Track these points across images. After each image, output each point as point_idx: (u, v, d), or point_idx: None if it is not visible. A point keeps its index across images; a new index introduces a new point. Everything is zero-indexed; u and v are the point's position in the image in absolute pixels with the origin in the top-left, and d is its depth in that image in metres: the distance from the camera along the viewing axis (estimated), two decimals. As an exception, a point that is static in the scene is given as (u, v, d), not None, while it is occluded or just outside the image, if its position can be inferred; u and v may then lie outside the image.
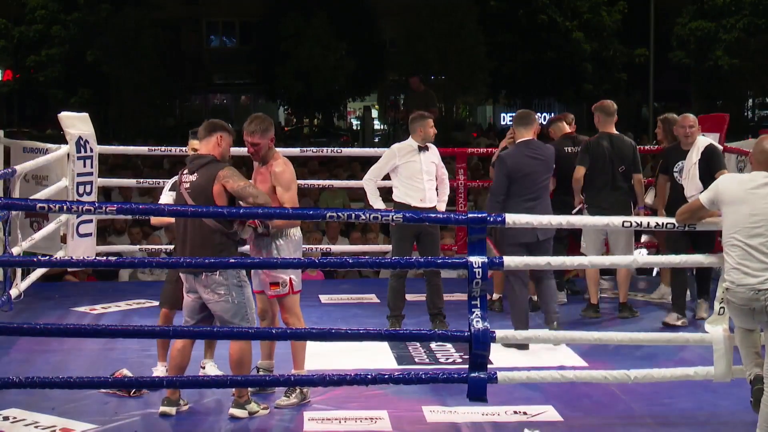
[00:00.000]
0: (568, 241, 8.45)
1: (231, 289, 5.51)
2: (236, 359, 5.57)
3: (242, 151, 6.78)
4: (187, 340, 5.70)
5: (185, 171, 5.67)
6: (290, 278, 5.87)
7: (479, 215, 5.28)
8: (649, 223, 5.87)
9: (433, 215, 6.77)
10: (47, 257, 7.52)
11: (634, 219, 5.78)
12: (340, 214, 5.30)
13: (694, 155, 7.66)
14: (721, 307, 5.50)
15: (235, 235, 5.58)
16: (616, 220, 5.74)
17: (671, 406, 5.87)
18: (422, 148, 7.56)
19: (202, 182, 5.51)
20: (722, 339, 5.46)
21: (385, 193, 7.92)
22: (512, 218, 5.42)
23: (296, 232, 5.95)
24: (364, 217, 5.27)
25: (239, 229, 5.61)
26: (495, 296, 8.22)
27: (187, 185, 5.58)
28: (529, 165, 7.15)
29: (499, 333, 5.35)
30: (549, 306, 7.29)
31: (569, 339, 6.32)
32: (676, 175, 7.82)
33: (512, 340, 5.89)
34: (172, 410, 5.65)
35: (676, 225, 5.57)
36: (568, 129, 8.70)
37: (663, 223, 5.77)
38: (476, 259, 5.13)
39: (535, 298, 8.32)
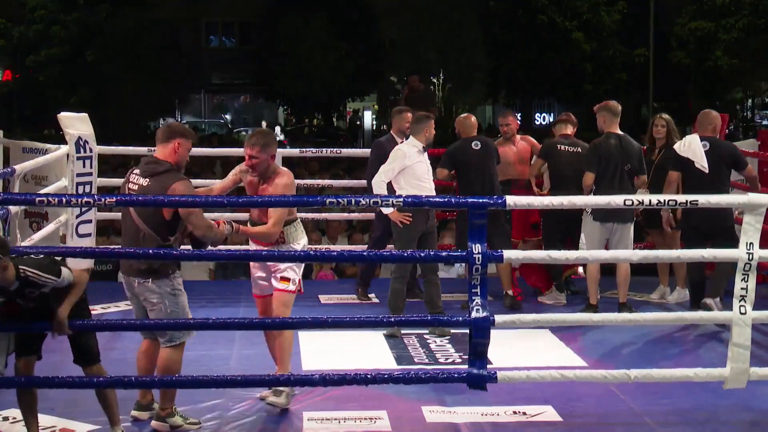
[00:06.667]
0: (566, 243, 8.48)
1: (164, 297, 5.38)
2: (162, 367, 5.45)
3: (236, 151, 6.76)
4: (150, 344, 5.60)
5: (136, 171, 5.48)
6: (299, 279, 5.90)
7: (480, 200, 5.20)
8: (651, 200, 5.49)
9: (433, 200, 6.67)
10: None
11: (636, 197, 5.55)
12: (340, 200, 5.20)
13: None
14: (741, 305, 5.28)
15: (170, 246, 5.35)
16: (618, 199, 5.46)
17: (671, 406, 5.87)
18: (425, 149, 7.57)
19: (152, 190, 5.31)
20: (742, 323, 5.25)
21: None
22: (513, 200, 5.35)
23: (302, 238, 5.93)
24: (364, 202, 5.22)
25: (177, 241, 5.40)
26: (510, 292, 8.35)
27: (135, 188, 5.40)
28: None
29: (499, 318, 5.26)
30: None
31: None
32: None
33: (511, 326, 5.70)
34: (144, 415, 5.58)
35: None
36: (568, 131, 8.71)
37: (665, 200, 5.46)
38: (476, 246, 5.07)
39: (545, 300, 8.48)
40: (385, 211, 7.48)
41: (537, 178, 8.80)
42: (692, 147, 7.69)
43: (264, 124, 29.25)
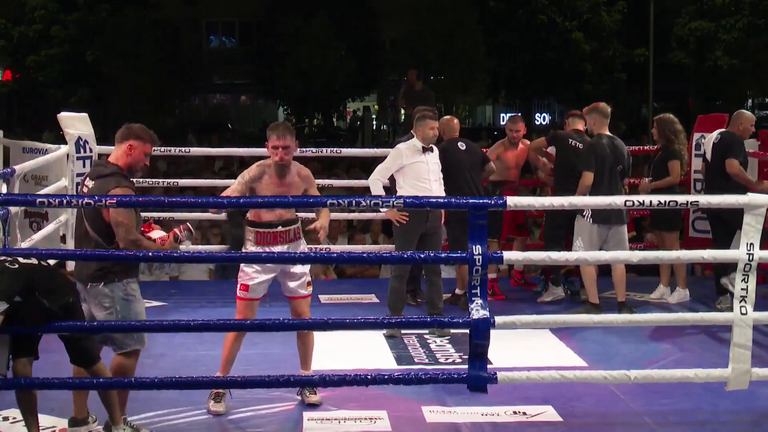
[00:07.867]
0: (565, 240, 8.48)
1: (116, 302, 5.26)
2: (117, 374, 5.32)
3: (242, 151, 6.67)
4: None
5: (88, 174, 5.46)
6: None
7: (481, 200, 5.21)
8: (651, 201, 5.51)
9: (433, 200, 6.68)
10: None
11: (637, 198, 5.52)
12: (341, 201, 5.19)
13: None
14: (741, 306, 5.27)
15: (116, 249, 5.20)
16: (619, 200, 5.51)
17: (670, 406, 5.87)
18: (427, 149, 7.52)
19: (94, 194, 5.19)
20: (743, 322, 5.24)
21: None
22: (513, 201, 5.35)
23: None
24: (365, 203, 5.22)
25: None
26: (459, 291, 8.28)
27: (85, 191, 5.33)
28: None
29: (499, 319, 5.23)
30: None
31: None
32: None
33: (511, 326, 5.65)
34: (81, 431, 5.43)
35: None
36: (580, 127, 8.69)
37: (665, 201, 5.45)
38: (476, 247, 5.07)
39: (544, 299, 8.48)
40: (383, 210, 7.47)
41: (537, 160, 9.03)
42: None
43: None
